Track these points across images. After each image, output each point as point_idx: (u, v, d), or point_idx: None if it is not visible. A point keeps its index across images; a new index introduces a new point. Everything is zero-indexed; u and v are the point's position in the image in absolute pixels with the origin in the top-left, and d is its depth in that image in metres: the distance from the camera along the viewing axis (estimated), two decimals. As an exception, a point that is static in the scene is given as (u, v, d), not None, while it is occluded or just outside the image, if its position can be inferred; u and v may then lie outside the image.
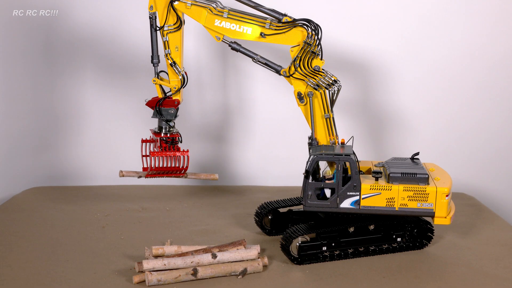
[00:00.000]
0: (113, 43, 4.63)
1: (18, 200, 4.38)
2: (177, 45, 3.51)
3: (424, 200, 3.28)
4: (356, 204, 3.31)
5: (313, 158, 3.30)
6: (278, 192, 4.55)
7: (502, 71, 4.69)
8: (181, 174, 3.74)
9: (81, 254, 3.45)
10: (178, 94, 3.62)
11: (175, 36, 3.49)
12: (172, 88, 3.60)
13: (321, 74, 3.42)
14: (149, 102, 3.65)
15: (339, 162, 3.29)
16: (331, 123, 3.49)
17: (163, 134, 3.68)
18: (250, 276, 3.20)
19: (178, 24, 3.47)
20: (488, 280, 3.20)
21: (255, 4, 3.46)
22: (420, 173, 3.31)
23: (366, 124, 4.80)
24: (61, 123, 4.78)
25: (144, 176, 3.74)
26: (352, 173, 3.29)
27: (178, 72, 3.55)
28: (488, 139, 4.80)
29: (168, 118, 3.64)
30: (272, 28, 3.39)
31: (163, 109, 3.61)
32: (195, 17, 3.45)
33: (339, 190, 3.30)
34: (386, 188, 3.28)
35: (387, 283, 3.16)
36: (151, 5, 3.45)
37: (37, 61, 4.64)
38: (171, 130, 3.70)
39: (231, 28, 3.42)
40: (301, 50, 3.37)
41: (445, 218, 3.30)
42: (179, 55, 3.55)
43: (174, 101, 3.61)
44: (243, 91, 4.80)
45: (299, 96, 3.45)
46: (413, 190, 3.27)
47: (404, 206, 3.29)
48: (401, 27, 4.64)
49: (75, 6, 4.56)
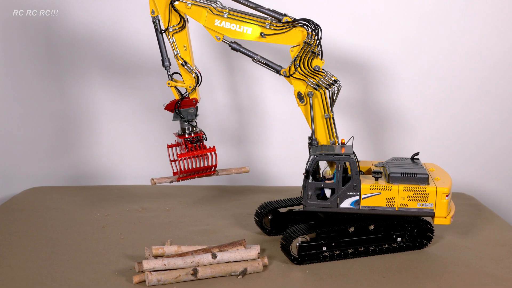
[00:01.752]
0: (116, 43, 4.63)
1: (18, 200, 4.38)
2: (185, 44, 3.51)
3: (424, 200, 3.27)
4: (356, 204, 3.31)
5: (313, 158, 3.30)
6: (278, 192, 4.55)
7: (502, 71, 4.69)
8: (212, 172, 3.70)
9: (81, 254, 3.45)
10: (195, 93, 3.60)
11: (181, 35, 3.49)
12: (187, 88, 3.58)
13: (321, 74, 3.42)
14: (168, 106, 3.60)
15: (339, 162, 3.29)
16: (331, 123, 3.49)
17: (187, 135, 3.65)
18: (250, 276, 3.20)
19: (182, 23, 3.46)
20: (488, 280, 3.20)
21: (255, 4, 3.46)
22: (420, 173, 3.31)
23: (366, 124, 4.80)
24: (60, 123, 4.79)
25: (176, 180, 3.67)
26: (352, 173, 3.29)
27: (190, 71, 3.54)
28: (488, 139, 4.80)
29: (189, 118, 3.61)
30: (272, 28, 3.38)
31: (182, 110, 3.59)
32: (195, 17, 3.44)
33: (339, 190, 3.30)
34: (386, 188, 3.28)
35: (387, 283, 3.15)
36: (152, 9, 3.46)
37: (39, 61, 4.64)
38: (194, 130, 3.66)
39: (231, 28, 3.42)
40: (301, 50, 3.37)
41: (445, 218, 3.29)
42: (189, 53, 3.54)
43: (192, 100, 3.59)
44: (243, 92, 4.80)
45: (299, 96, 3.45)
46: (413, 190, 3.27)
47: (404, 206, 3.28)
48: (401, 27, 4.64)
49: (74, 6, 4.56)
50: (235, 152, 4.88)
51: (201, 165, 3.63)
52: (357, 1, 4.63)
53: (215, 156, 3.65)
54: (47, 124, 4.77)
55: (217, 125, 4.81)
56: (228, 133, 4.85)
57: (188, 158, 3.59)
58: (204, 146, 3.66)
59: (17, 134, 4.75)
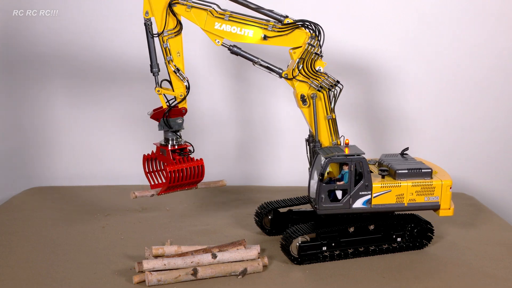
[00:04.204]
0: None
1: (18, 200, 4.38)
2: (179, 50, 3.33)
3: (431, 193, 3.37)
4: (367, 203, 3.33)
5: (327, 161, 3.27)
6: (278, 192, 4.54)
7: (502, 72, 4.69)
8: (194, 185, 3.52)
9: (81, 254, 3.45)
10: (185, 102, 3.40)
11: (176, 40, 3.30)
12: (177, 96, 3.38)
13: (324, 76, 3.40)
14: (155, 115, 3.40)
15: (351, 163, 3.29)
16: (333, 124, 3.48)
17: (171, 146, 3.43)
18: (250, 276, 3.20)
19: (178, 28, 3.28)
20: (488, 280, 3.20)
21: (257, 6, 3.37)
22: (424, 168, 3.39)
23: (366, 124, 4.80)
24: (61, 123, 4.79)
25: (157, 194, 3.50)
26: (364, 173, 3.30)
27: (183, 79, 3.35)
28: (488, 139, 4.80)
29: (176, 128, 3.42)
30: (275, 30, 3.31)
31: (170, 120, 3.39)
32: (194, 20, 3.29)
33: (351, 190, 3.31)
34: (396, 185, 3.33)
35: (387, 283, 3.15)
36: (146, 10, 3.25)
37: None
38: (179, 141, 3.46)
39: (232, 31, 3.31)
40: (305, 52, 3.34)
41: (449, 209, 3.41)
42: (182, 60, 3.35)
43: (181, 109, 3.39)
44: (243, 92, 4.80)
45: (302, 99, 3.40)
46: (421, 185, 3.35)
47: (413, 201, 3.37)
48: (400, 27, 4.64)
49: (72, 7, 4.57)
50: (235, 152, 4.88)
51: (189, 179, 3.44)
52: (357, 3, 4.63)
53: (202, 169, 3.46)
54: (47, 124, 4.77)
55: (216, 125, 4.81)
56: (228, 133, 4.85)
57: (177, 171, 3.38)
58: (191, 158, 3.47)
59: (17, 134, 4.75)
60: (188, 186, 3.49)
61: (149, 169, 3.61)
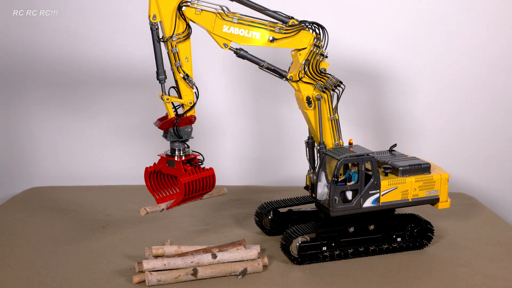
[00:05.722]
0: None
1: (18, 200, 4.38)
2: (187, 55, 3.15)
3: (431, 187, 3.44)
4: (376, 201, 3.35)
5: (340, 162, 3.25)
6: (278, 192, 4.55)
7: (502, 72, 4.69)
8: (200, 196, 3.35)
9: (81, 254, 3.45)
10: (193, 110, 3.24)
11: (185, 45, 3.13)
12: (186, 104, 3.21)
13: (328, 76, 3.39)
14: (163, 124, 3.20)
15: (362, 163, 3.29)
16: (336, 125, 3.47)
17: (178, 157, 3.24)
18: (250, 276, 3.20)
19: (187, 31, 3.12)
20: (488, 280, 3.20)
21: (263, 8, 3.28)
22: (423, 163, 3.45)
23: (366, 124, 4.80)
24: (61, 123, 4.79)
25: (166, 208, 3.32)
26: (373, 172, 3.31)
27: (192, 85, 3.19)
28: (487, 139, 4.80)
29: (185, 138, 3.23)
30: (282, 31, 3.25)
31: (180, 128, 3.20)
32: (203, 23, 3.14)
33: (362, 190, 3.32)
34: (401, 182, 3.38)
35: (387, 283, 3.15)
36: (153, 14, 3.05)
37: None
38: (186, 151, 3.27)
39: (240, 34, 3.20)
40: (310, 53, 3.32)
41: (446, 201, 3.50)
42: (190, 66, 3.18)
43: (190, 117, 3.22)
44: (242, 92, 4.80)
45: (307, 100, 3.38)
46: (423, 180, 3.42)
47: (416, 196, 3.43)
48: (400, 27, 4.64)
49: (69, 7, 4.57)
50: (235, 152, 4.88)
51: (202, 190, 3.27)
52: (359, 5, 4.63)
53: (214, 178, 3.29)
54: (47, 124, 4.77)
55: (216, 125, 4.81)
56: (228, 133, 4.85)
57: (191, 182, 3.19)
58: (202, 169, 3.28)
59: (18, 134, 4.75)
60: (195, 198, 3.32)
61: (152, 182, 3.40)
